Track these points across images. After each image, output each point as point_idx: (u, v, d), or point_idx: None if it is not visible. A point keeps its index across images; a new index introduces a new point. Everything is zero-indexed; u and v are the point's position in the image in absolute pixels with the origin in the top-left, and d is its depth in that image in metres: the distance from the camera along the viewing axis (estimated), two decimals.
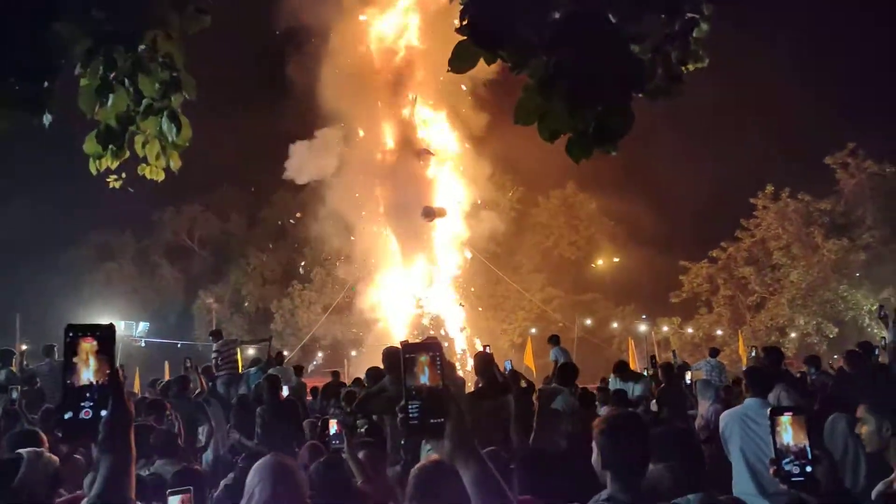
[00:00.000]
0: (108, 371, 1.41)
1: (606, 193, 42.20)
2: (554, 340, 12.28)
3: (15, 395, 6.88)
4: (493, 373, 5.92)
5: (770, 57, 37.82)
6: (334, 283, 37.27)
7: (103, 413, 1.39)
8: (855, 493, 3.72)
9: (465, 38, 2.06)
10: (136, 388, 16.45)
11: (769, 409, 2.15)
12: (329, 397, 10.46)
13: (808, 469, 2.11)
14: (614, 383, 9.79)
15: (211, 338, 12.76)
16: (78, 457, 4.82)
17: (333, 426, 4.53)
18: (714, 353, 13.21)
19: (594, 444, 2.48)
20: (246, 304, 42.82)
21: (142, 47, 2.54)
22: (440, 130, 30.69)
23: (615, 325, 41.22)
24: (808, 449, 2.13)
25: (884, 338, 9.59)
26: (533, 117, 2.13)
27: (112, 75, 2.54)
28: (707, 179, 39.34)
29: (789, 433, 2.15)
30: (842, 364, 8.84)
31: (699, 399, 7.98)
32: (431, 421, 1.49)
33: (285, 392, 10.73)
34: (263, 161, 40.90)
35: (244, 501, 2.68)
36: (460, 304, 29.76)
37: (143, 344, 35.01)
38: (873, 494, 2.79)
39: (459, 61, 2.09)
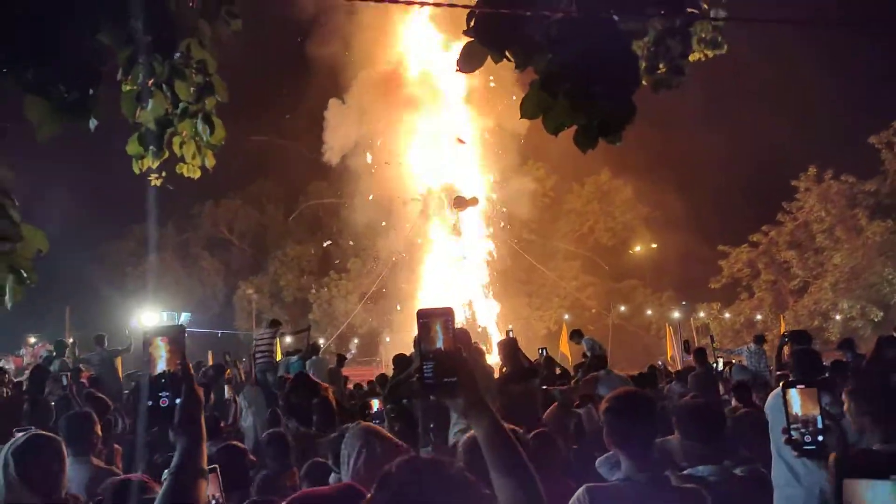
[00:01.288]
0: (178, 363, 1.61)
1: (642, 179, 41.64)
2: (577, 335, 12.32)
3: (65, 381, 7.23)
4: (518, 358, 6.04)
5: (812, 34, 36.71)
6: (370, 272, 37.74)
7: (177, 401, 1.59)
8: None
9: (472, 38, 2.20)
10: None
11: (781, 383, 2.28)
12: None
13: (820, 438, 2.22)
14: None
15: (269, 324, 13.11)
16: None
17: (375, 405, 4.68)
18: (759, 340, 13.01)
19: (603, 423, 2.57)
20: (284, 294, 43.62)
21: (177, 55, 2.75)
22: (472, 118, 30.82)
23: (649, 311, 40.77)
24: (819, 419, 2.24)
25: None
26: (538, 112, 2.25)
27: (150, 81, 2.76)
28: (747, 162, 38.61)
29: (799, 404, 2.28)
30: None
31: None
32: (445, 380, 1.61)
33: None
34: (297, 154, 41.64)
35: (344, 469, 2.77)
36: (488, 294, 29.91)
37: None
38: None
39: (468, 61, 2.23)
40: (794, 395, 2.28)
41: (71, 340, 13.53)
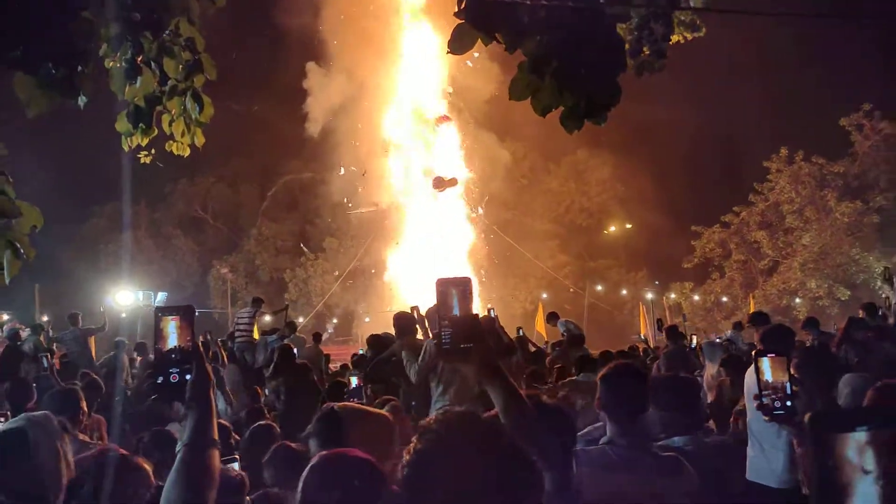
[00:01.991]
0: (189, 341, 1.66)
1: (618, 159, 41.96)
2: (553, 318, 12.46)
3: (46, 363, 7.18)
4: (498, 334, 6.16)
5: (784, 17, 37.05)
6: (346, 252, 37.69)
7: (188, 377, 1.64)
8: None
9: (463, 21, 2.24)
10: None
11: (753, 352, 2.45)
12: None
13: (788, 403, 2.34)
14: None
15: (253, 302, 13.06)
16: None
17: (354, 381, 4.69)
18: (737, 326, 13.29)
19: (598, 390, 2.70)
20: (260, 273, 43.35)
21: (166, 32, 2.75)
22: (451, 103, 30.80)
23: (624, 291, 41.34)
24: (788, 385, 2.36)
25: (888, 297, 9.75)
26: (526, 93, 2.31)
27: (139, 58, 2.75)
28: (721, 143, 39.07)
29: (770, 372, 2.39)
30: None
31: (707, 362, 8.15)
32: (461, 346, 1.67)
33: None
34: (273, 132, 41.13)
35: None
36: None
37: None
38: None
39: (459, 43, 2.28)
40: (765, 363, 2.39)
41: (45, 319, 13.38)
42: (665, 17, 2.49)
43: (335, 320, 39.76)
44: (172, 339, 1.65)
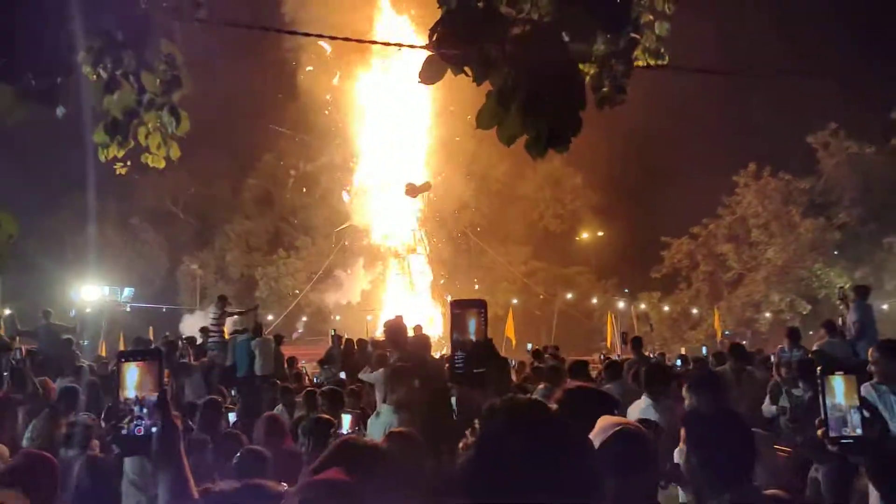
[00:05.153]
0: (154, 390, 1.52)
1: (592, 167, 42.46)
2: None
3: (19, 355, 7.09)
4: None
5: (753, 35, 37.98)
6: (319, 252, 37.57)
7: (154, 430, 1.50)
8: None
9: (432, 53, 2.37)
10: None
11: (818, 368, 2.04)
12: None
13: (858, 431, 1.95)
14: None
15: (217, 301, 13.02)
16: None
17: (346, 421, 4.59)
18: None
19: None
20: (230, 271, 42.93)
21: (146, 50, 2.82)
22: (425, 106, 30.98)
23: (595, 300, 41.81)
24: (857, 411, 1.97)
25: (842, 317, 10.05)
26: (493, 123, 2.44)
27: (119, 72, 2.82)
28: (692, 156, 39.76)
29: (841, 393, 1.98)
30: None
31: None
32: (475, 370, 1.65)
33: (259, 370, 11.11)
34: (247, 125, 40.80)
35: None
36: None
37: (128, 309, 35.12)
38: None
39: (429, 73, 2.40)
40: (837, 382, 1.96)
41: (8, 312, 13.12)
42: (625, 55, 2.64)
43: (304, 318, 39.56)
44: (135, 387, 1.51)
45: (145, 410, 1.51)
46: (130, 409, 1.51)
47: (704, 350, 19.75)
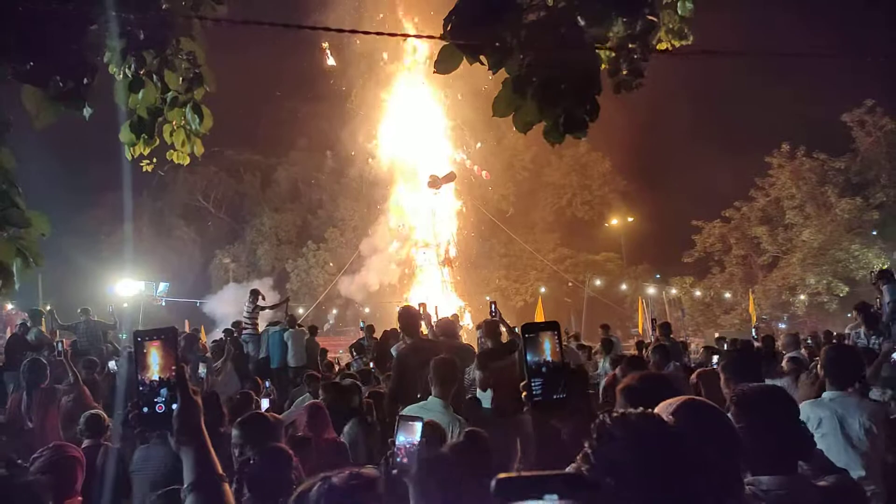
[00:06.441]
0: (172, 367, 1.54)
1: (621, 152, 41.95)
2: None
3: (60, 347, 7.33)
4: (498, 335, 6.25)
5: (788, 12, 37.00)
6: (348, 243, 37.87)
7: (174, 406, 1.52)
8: None
9: (448, 42, 2.37)
10: None
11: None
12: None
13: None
14: None
15: (250, 295, 13.19)
16: None
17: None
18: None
19: None
20: (261, 264, 43.52)
21: (168, 49, 2.88)
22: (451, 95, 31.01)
23: (624, 286, 41.41)
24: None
25: (878, 298, 9.83)
26: (509, 110, 2.44)
27: (142, 72, 2.88)
28: (723, 138, 39.05)
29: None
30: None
31: None
32: (554, 396, 1.54)
33: (293, 362, 11.31)
34: (277, 121, 41.22)
35: None
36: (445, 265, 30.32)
37: (163, 303, 35.87)
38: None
39: (444, 63, 2.40)
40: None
41: (48, 308, 13.52)
42: (642, 38, 2.61)
43: (335, 311, 39.95)
44: (155, 366, 1.54)
45: (164, 389, 1.53)
46: (150, 387, 1.53)
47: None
